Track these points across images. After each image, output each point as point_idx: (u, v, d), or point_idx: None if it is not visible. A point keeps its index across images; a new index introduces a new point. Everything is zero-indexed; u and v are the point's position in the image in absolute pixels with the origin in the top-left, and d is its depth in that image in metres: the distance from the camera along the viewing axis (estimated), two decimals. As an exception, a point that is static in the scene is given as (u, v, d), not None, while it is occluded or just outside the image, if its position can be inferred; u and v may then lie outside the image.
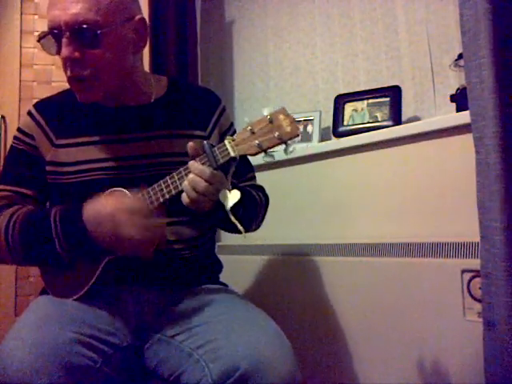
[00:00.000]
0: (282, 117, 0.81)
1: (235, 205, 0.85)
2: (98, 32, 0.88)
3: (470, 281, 1.10)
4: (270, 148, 0.81)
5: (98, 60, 0.90)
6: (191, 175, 0.84)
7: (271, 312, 0.95)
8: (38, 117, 1.03)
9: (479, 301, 1.04)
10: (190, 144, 0.85)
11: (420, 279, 1.18)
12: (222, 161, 0.83)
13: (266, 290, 1.58)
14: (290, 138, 0.81)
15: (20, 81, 1.72)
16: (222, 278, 1.15)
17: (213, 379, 0.78)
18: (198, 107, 1.07)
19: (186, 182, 0.84)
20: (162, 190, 0.87)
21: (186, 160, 1.01)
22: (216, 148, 0.84)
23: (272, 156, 0.82)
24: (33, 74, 1.73)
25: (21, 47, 1.72)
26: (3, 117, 1.68)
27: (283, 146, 0.82)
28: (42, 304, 0.91)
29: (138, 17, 0.96)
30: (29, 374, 0.72)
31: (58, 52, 0.90)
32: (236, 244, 1.72)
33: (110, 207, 0.84)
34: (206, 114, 1.07)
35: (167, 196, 0.87)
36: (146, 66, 1.77)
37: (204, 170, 0.83)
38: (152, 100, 1.04)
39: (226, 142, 0.83)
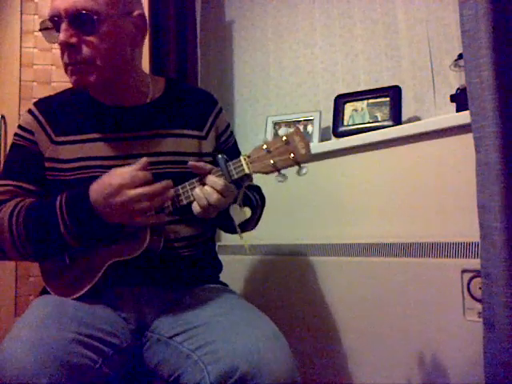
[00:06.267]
0: (297, 138, 0.82)
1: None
2: (95, 18, 0.90)
3: (470, 281, 1.10)
4: (284, 168, 0.83)
5: (93, 47, 0.92)
6: (206, 187, 0.85)
7: (270, 312, 0.95)
8: (37, 114, 1.03)
9: (479, 301, 1.04)
10: (191, 164, 0.86)
11: (420, 279, 1.18)
12: (236, 176, 0.84)
13: (265, 290, 1.58)
14: (304, 161, 0.82)
15: (20, 81, 1.72)
16: (222, 277, 1.15)
17: (211, 381, 0.78)
18: (194, 108, 1.08)
19: (198, 192, 0.85)
20: (173, 198, 0.88)
21: (183, 159, 1.01)
22: (231, 163, 0.85)
23: (285, 176, 0.83)
24: (33, 74, 1.73)
25: (21, 47, 1.73)
26: (3, 117, 1.68)
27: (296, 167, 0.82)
28: (42, 304, 0.91)
29: (137, 12, 0.98)
30: (28, 373, 0.72)
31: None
32: (236, 244, 1.72)
33: (116, 180, 0.84)
34: (202, 115, 1.08)
35: (178, 205, 0.88)
36: (146, 66, 1.77)
37: (218, 182, 0.84)
38: (149, 100, 1.05)
39: (242, 158, 0.84)
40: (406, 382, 1.19)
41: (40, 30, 0.95)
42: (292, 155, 0.81)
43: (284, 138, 0.82)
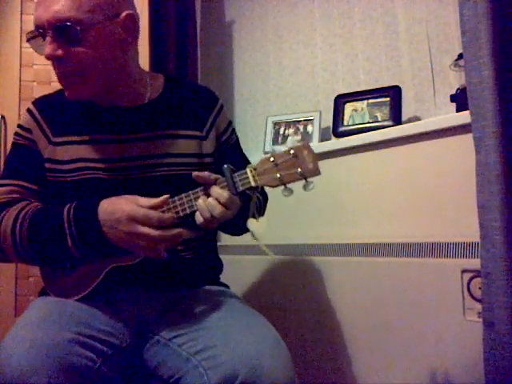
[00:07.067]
0: (305, 152, 0.81)
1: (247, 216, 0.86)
2: (79, 28, 0.87)
3: (470, 281, 1.10)
4: (291, 183, 0.81)
5: (81, 57, 0.90)
6: (210, 199, 0.83)
7: (271, 312, 0.95)
8: (36, 114, 1.03)
9: (479, 301, 1.04)
10: (196, 174, 0.84)
11: (420, 279, 1.18)
12: (241, 188, 0.83)
13: (265, 290, 1.58)
14: (312, 176, 0.80)
15: (20, 81, 1.72)
16: (223, 278, 1.15)
17: None
18: (194, 107, 1.06)
19: (201, 203, 0.84)
20: (175, 207, 0.86)
21: (182, 161, 1.00)
22: (236, 175, 0.83)
23: (291, 190, 0.81)
24: (33, 73, 1.73)
25: (21, 47, 1.73)
26: (3, 117, 1.68)
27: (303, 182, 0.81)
28: (42, 304, 0.91)
29: (125, 13, 0.94)
30: (27, 373, 0.72)
31: None
32: (236, 244, 1.71)
33: (128, 206, 0.84)
34: (202, 114, 1.06)
35: (181, 214, 0.86)
36: (146, 66, 1.77)
37: (222, 194, 0.83)
38: (148, 100, 1.03)
39: (248, 170, 0.82)
40: (406, 382, 1.19)
41: (27, 40, 0.93)
42: (299, 169, 0.80)
43: (292, 151, 0.81)
